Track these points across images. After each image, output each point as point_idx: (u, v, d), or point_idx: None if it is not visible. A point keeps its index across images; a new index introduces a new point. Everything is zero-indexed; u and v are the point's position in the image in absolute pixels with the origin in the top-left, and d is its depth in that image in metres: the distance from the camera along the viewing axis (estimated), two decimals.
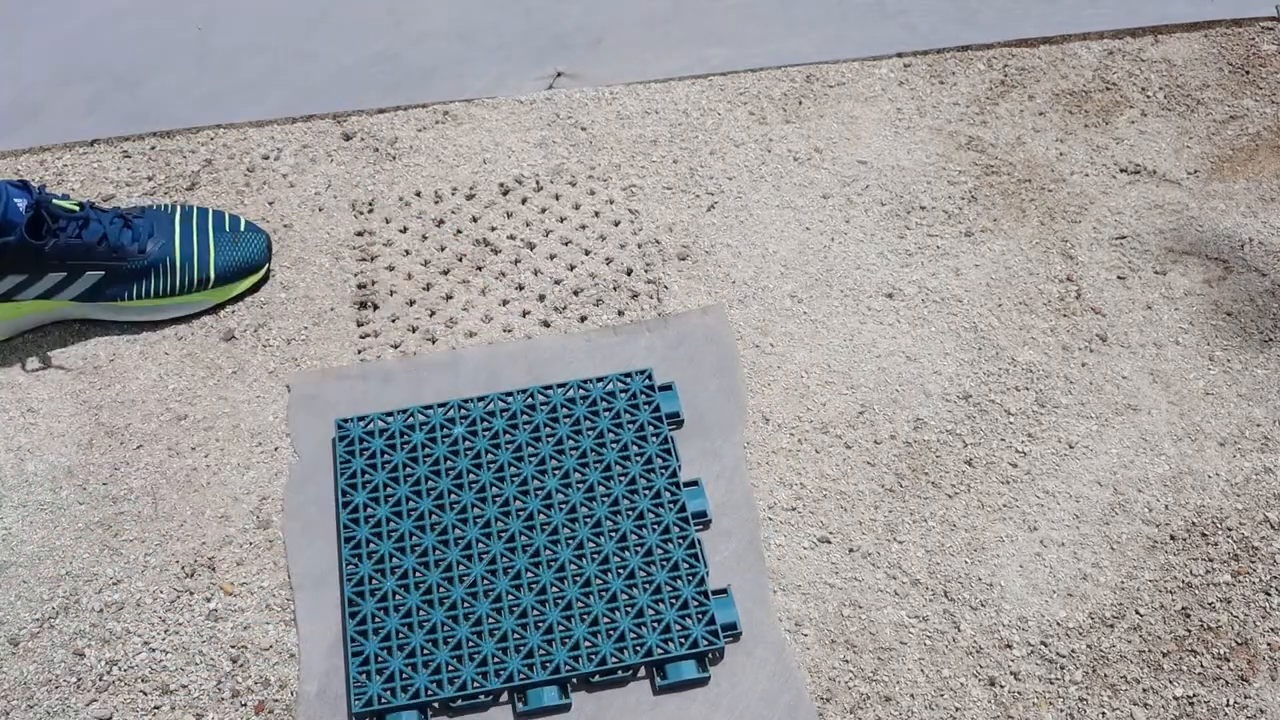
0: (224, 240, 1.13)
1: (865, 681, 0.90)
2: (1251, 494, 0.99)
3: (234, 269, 1.12)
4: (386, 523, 0.97)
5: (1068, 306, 1.11)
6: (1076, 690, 0.89)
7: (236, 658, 0.92)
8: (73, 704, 0.91)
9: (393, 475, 1.00)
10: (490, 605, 0.92)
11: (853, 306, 1.11)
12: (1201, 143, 1.23)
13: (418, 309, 1.13)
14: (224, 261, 1.12)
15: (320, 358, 1.09)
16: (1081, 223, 1.17)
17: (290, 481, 1.01)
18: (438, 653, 0.90)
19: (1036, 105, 1.27)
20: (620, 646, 0.90)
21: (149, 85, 1.21)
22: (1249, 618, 0.92)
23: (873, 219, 1.18)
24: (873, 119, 1.26)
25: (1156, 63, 1.30)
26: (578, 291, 1.13)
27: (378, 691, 0.89)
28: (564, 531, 0.96)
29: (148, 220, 1.11)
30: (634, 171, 1.23)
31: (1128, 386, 1.06)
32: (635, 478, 0.99)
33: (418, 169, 1.24)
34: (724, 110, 1.27)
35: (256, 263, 1.14)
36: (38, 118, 1.30)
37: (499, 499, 0.98)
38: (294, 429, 1.04)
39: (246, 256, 1.13)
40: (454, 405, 1.04)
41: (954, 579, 0.95)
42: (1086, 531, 0.97)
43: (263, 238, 1.15)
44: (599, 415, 1.03)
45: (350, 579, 0.94)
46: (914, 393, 1.06)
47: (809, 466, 1.01)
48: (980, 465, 1.01)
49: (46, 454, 1.04)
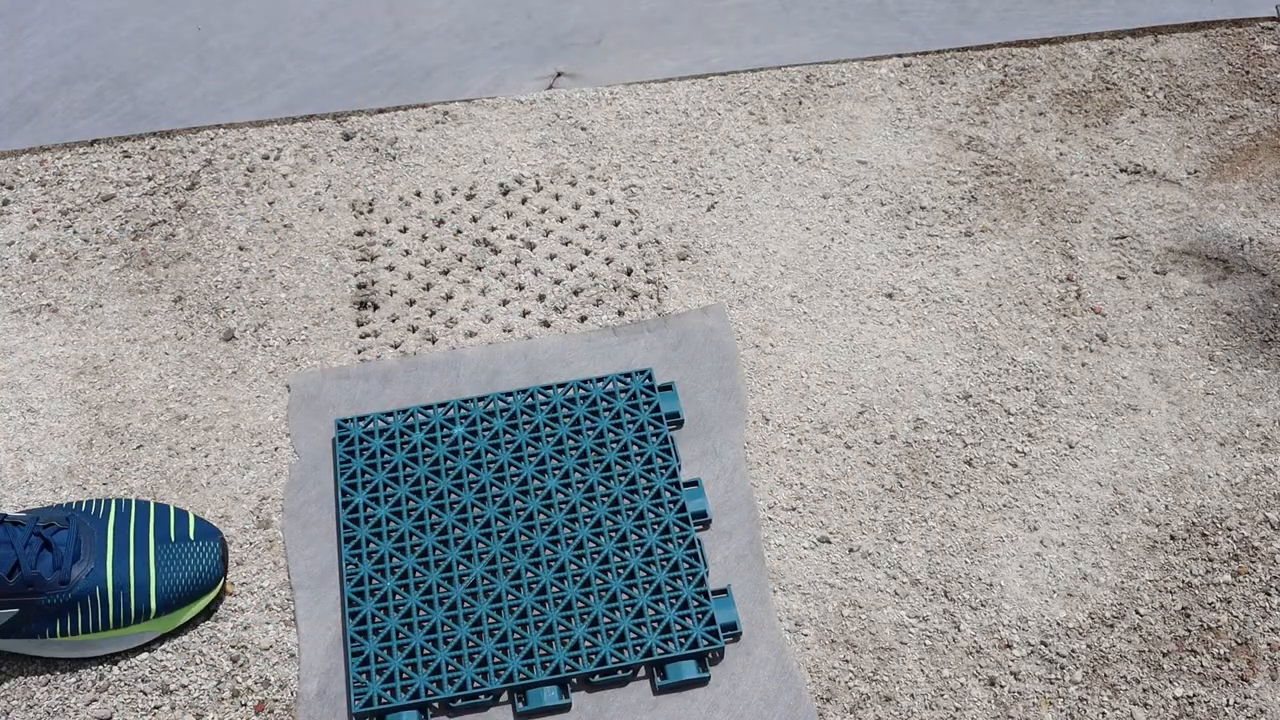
0: (167, 555, 0.91)
1: (865, 681, 0.90)
2: (1251, 494, 0.99)
3: (180, 593, 0.91)
4: (386, 523, 0.97)
5: (1068, 306, 1.11)
6: (1076, 690, 0.89)
7: (236, 658, 0.92)
8: (73, 704, 0.91)
9: (393, 475, 1.00)
10: (490, 605, 0.92)
11: (853, 306, 1.11)
12: (1201, 143, 1.23)
13: (418, 309, 1.13)
14: (167, 586, 0.90)
15: (320, 358, 1.09)
16: (1081, 223, 1.17)
17: (290, 481, 1.01)
18: (438, 653, 0.90)
19: (1036, 105, 1.27)
20: (620, 646, 0.90)
21: (149, 85, 1.21)
22: (1249, 618, 0.92)
23: (873, 219, 1.18)
24: (873, 119, 1.26)
25: (1156, 63, 1.30)
26: (578, 291, 1.13)
27: (378, 691, 0.89)
28: (564, 531, 0.96)
29: (72, 533, 0.90)
30: (634, 171, 1.23)
31: (1128, 386, 1.06)
32: (635, 478, 0.99)
33: (418, 169, 1.24)
34: (724, 110, 1.27)
35: (208, 581, 0.92)
36: (38, 118, 1.30)
37: (499, 499, 0.98)
38: (294, 429, 1.04)
39: (195, 576, 0.92)
40: (454, 405, 1.04)
41: (954, 579, 0.95)
42: (1086, 531, 0.97)
43: (215, 545, 0.94)
44: (599, 415, 1.03)
45: (350, 579, 0.94)
46: (914, 393, 1.06)
47: (809, 466, 1.01)
48: (980, 465, 1.01)
49: (46, 454, 1.04)
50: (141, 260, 1.17)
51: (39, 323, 1.13)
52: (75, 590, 0.88)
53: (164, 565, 0.91)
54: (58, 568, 0.88)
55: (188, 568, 0.92)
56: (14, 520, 0.88)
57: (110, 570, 0.90)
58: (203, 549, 0.93)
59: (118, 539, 0.92)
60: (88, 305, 1.14)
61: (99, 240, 1.19)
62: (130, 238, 1.19)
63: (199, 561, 0.92)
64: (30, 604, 0.87)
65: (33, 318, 1.13)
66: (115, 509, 0.94)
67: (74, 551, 0.89)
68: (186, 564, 0.92)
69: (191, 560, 0.92)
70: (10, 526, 0.87)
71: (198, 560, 0.92)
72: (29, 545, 0.87)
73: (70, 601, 0.88)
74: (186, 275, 1.16)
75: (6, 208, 1.22)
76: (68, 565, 0.88)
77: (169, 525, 0.94)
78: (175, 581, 0.91)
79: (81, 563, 0.89)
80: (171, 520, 0.94)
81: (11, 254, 1.18)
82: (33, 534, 0.88)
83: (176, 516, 0.95)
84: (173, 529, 0.94)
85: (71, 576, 0.88)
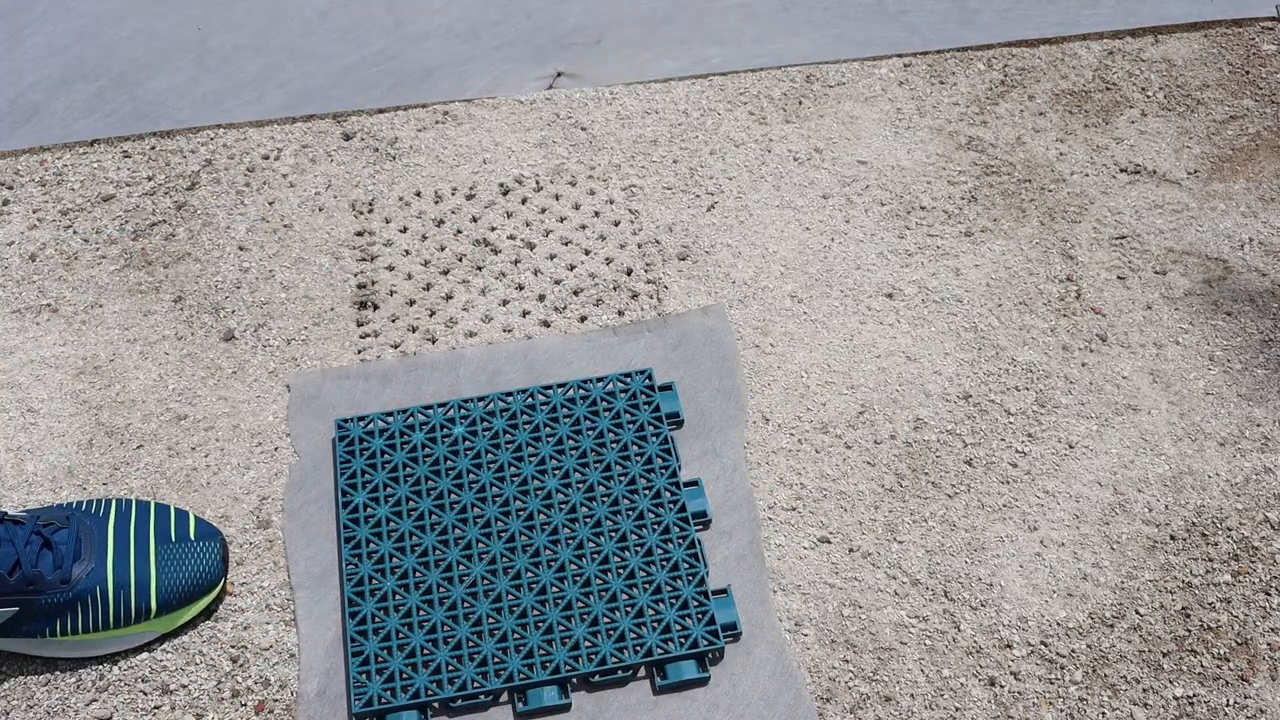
0: (167, 555, 0.92)
1: (865, 681, 0.90)
2: (1252, 494, 0.99)
3: (181, 593, 0.92)
4: (386, 523, 0.97)
5: (1068, 306, 1.11)
6: (1076, 690, 0.89)
7: (236, 658, 0.92)
8: (73, 704, 0.91)
9: (393, 475, 1.00)
10: (490, 605, 0.92)
11: (853, 306, 1.11)
12: (1201, 143, 1.23)
13: (418, 309, 1.13)
14: (168, 585, 0.91)
15: (320, 358, 1.09)
16: (1081, 223, 1.17)
17: (290, 481, 1.01)
18: (438, 653, 0.90)
19: (1036, 105, 1.27)
20: (620, 646, 0.90)
21: (149, 85, 1.21)
22: (1249, 618, 0.92)
23: (873, 219, 1.18)
24: (873, 119, 1.26)
25: (1156, 63, 1.30)
26: (578, 291, 1.13)
27: (378, 691, 0.89)
28: (564, 531, 0.96)
29: (72, 532, 0.90)
30: (634, 171, 1.23)
31: (1128, 386, 1.06)
32: (635, 478, 0.99)
33: (418, 169, 1.24)
34: (724, 110, 1.27)
35: (209, 581, 0.93)
36: (38, 118, 1.30)
37: (499, 499, 0.98)
38: (294, 429, 1.04)
39: (196, 576, 0.92)
40: (454, 405, 1.04)
41: (954, 579, 0.95)
42: (1086, 531, 0.97)
43: (216, 546, 0.94)
44: (599, 415, 1.03)
45: (350, 579, 0.94)
46: (914, 393, 1.06)
47: (809, 466, 1.01)
48: (980, 465, 1.01)
49: (46, 454, 1.04)
50: (141, 260, 1.17)
51: (39, 323, 1.13)
52: (76, 589, 0.88)
53: (164, 565, 0.92)
54: (58, 567, 0.88)
55: (188, 568, 0.92)
56: (14, 519, 0.88)
57: (111, 569, 0.90)
58: (203, 549, 0.93)
59: (118, 539, 0.92)
60: (88, 305, 1.14)
61: (99, 240, 1.19)
62: (130, 238, 1.19)
63: (199, 561, 0.93)
64: (30, 603, 0.87)
65: (33, 318, 1.13)
66: (116, 509, 0.94)
67: (74, 551, 0.89)
68: (187, 564, 0.92)
69: (192, 560, 0.93)
70: (11, 525, 0.87)
71: (198, 560, 0.93)
72: (29, 544, 0.87)
73: (70, 601, 0.88)
74: (186, 275, 1.16)
75: (6, 208, 1.22)
76: (68, 564, 0.88)
77: (169, 525, 0.94)
78: (176, 581, 0.91)
79: (82, 562, 0.89)
80: (172, 520, 0.95)
81: (11, 254, 1.18)
82: (33, 533, 0.88)
83: (177, 516, 0.95)
84: (173, 529, 0.94)
85: (72, 575, 0.88)
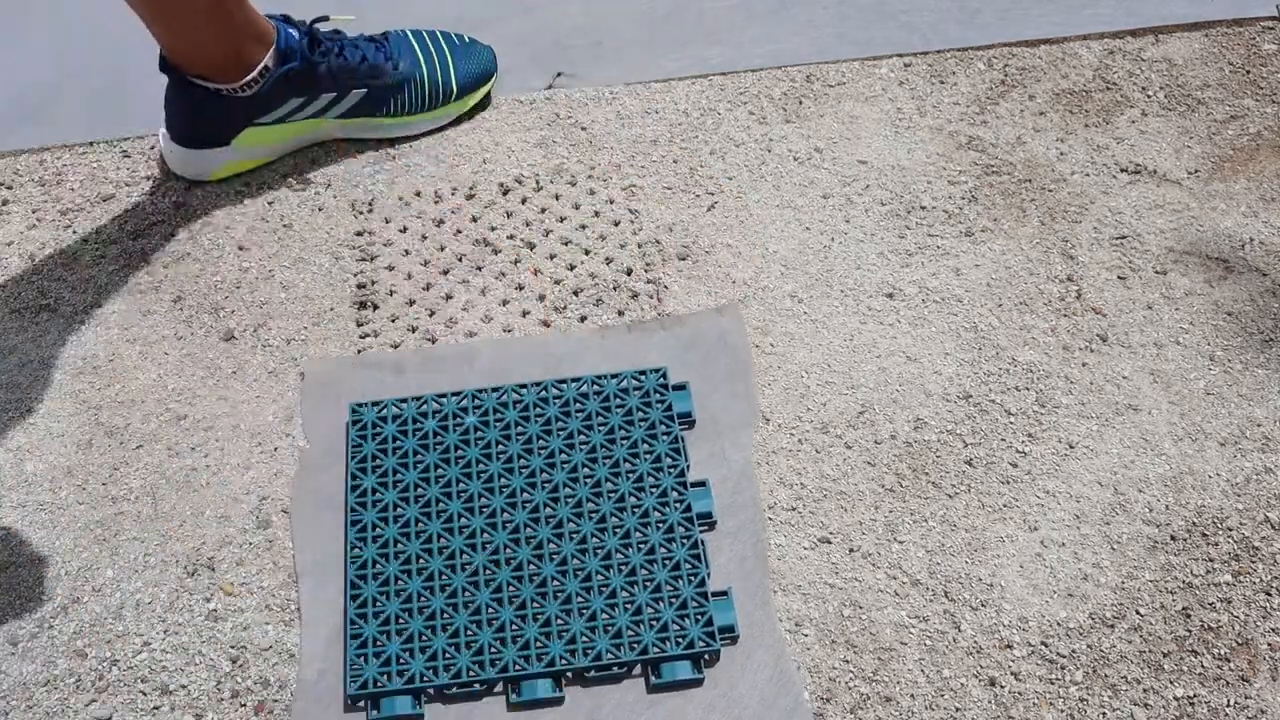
0: (459, 53, 1.23)
1: (865, 682, 0.90)
2: (1252, 494, 0.99)
3: (473, 80, 1.23)
4: (393, 508, 0.98)
5: (1068, 306, 1.11)
6: (1077, 690, 0.89)
7: (236, 658, 0.92)
8: (72, 704, 0.91)
9: (403, 461, 1.00)
10: (490, 595, 0.93)
11: (853, 306, 1.11)
12: (1202, 142, 1.23)
13: (417, 309, 1.13)
14: (464, 73, 1.23)
15: (320, 358, 1.09)
16: (1082, 223, 1.17)
17: (301, 468, 1.01)
18: (435, 639, 0.91)
19: (1037, 105, 1.27)
20: (616, 643, 0.90)
21: (149, 85, 1.21)
22: (1250, 618, 0.92)
23: (873, 219, 1.18)
24: (873, 119, 1.26)
25: (1157, 62, 1.30)
26: (578, 291, 1.13)
27: (373, 675, 0.89)
28: (568, 525, 0.96)
29: (394, 40, 1.21)
30: (634, 171, 1.23)
31: (1128, 386, 1.06)
32: (643, 475, 0.99)
33: (418, 169, 1.24)
34: (724, 110, 1.27)
35: (489, 71, 1.25)
36: (38, 118, 1.30)
37: (506, 490, 0.98)
38: (305, 415, 1.04)
39: (481, 67, 1.24)
40: (468, 395, 1.04)
41: (954, 579, 0.95)
42: (1087, 531, 0.97)
43: (489, 48, 1.26)
44: (611, 411, 1.03)
45: (354, 562, 0.95)
46: (914, 393, 1.05)
47: (809, 466, 1.01)
48: (980, 465, 1.01)
49: (46, 454, 1.04)
50: (141, 260, 1.17)
51: (38, 323, 1.13)
52: (401, 75, 1.20)
53: (459, 58, 1.23)
54: (389, 59, 1.20)
55: (474, 60, 1.24)
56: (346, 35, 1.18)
57: (423, 63, 1.22)
58: (482, 48, 1.26)
59: (421, 45, 1.23)
60: (87, 305, 1.14)
61: (99, 240, 1.19)
62: (130, 238, 1.19)
63: (482, 56, 1.25)
64: (373, 86, 1.19)
65: (32, 318, 1.13)
66: (410, 31, 1.24)
67: (399, 50, 1.21)
68: (474, 57, 1.24)
69: (477, 54, 1.25)
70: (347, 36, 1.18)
71: (481, 54, 1.25)
72: (369, 44, 1.19)
73: (398, 85, 1.20)
74: (186, 275, 1.16)
75: (6, 208, 1.22)
76: (396, 57, 1.20)
77: (453, 36, 1.26)
78: (468, 69, 1.24)
79: (404, 57, 1.21)
80: (453, 34, 1.26)
81: (11, 254, 1.18)
82: (366, 39, 1.20)
83: (455, 34, 1.26)
84: (455, 38, 1.25)
85: (399, 67, 1.20)
